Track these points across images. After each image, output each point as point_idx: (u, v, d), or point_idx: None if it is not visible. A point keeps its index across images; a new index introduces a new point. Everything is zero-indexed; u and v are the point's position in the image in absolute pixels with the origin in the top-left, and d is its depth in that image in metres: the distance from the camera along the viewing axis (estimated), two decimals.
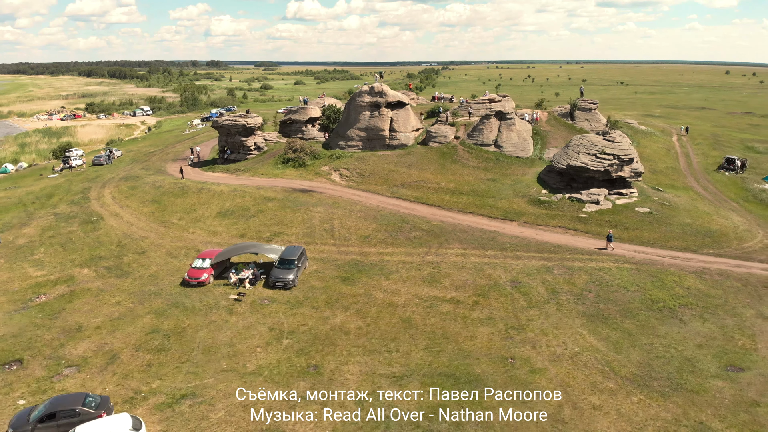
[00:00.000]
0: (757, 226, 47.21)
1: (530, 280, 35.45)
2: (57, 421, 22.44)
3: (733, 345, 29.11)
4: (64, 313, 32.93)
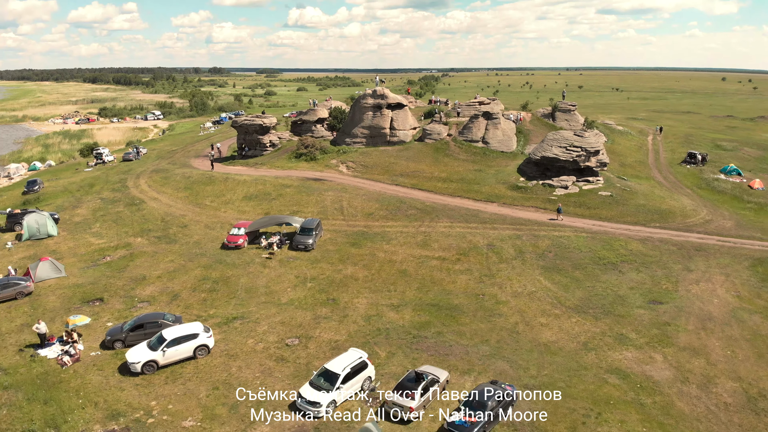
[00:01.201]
0: (703, 207, 55.52)
1: (503, 244, 43.76)
2: (144, 330, 30.59)
3: (658, 288, 37.39)
4: (129, 268, 41.24)
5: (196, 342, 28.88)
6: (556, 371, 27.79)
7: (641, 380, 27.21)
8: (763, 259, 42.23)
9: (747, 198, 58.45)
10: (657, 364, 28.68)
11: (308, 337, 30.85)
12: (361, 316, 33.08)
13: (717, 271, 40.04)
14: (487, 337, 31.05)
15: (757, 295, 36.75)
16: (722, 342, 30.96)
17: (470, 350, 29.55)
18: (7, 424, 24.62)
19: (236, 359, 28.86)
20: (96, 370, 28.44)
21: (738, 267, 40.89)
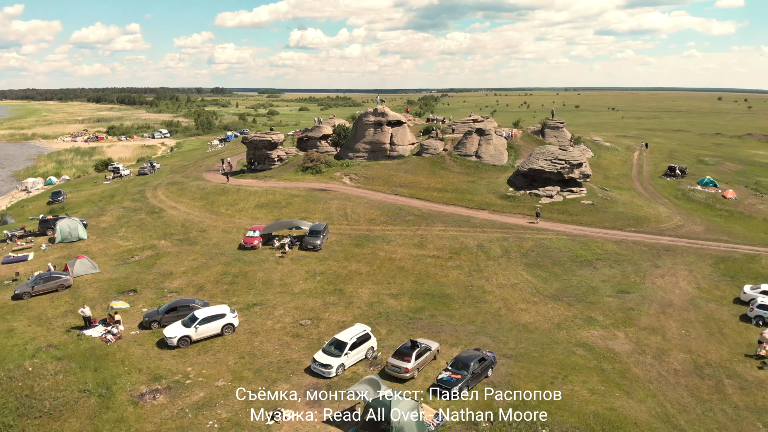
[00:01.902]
0: (677, 214, 60.49)
1: (491, 244, 48.66)
2: (177, 312, 35.32)
3: (627, 280, 42.22)
4: (156, 265, 46.09)
5: (224, 321, 33.66)
6: (531, 345, 32.52)
7: (604, 352, 31.93)
8: (726, 258, 47.10)
9: (719, 206, 63.44)
10: (619, 340, 33.41)
11: (319, 319, 35.63)
12: (364, 303, 37.88)
13: (682, 267, 44.89)
14: (474, 319, 35.82)
15: (715, 287, 41.58)
16: (678, 323, 35.72)
17: (458, 329, 34.32)
18: (64, 386, 29.24)
19: (258, 336, 33.61)
20: (137, 345, 33.16)
21: (702, 264, 45.74)
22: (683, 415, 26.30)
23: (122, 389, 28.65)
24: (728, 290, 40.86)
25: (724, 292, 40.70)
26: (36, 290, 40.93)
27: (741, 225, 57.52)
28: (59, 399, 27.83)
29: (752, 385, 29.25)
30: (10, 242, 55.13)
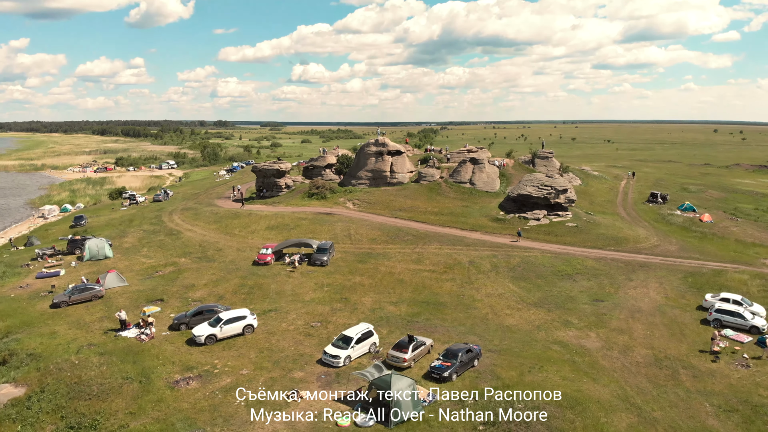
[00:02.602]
0: (655, 235, 65.52)
1: (481, 261, 53.63)
2: (203, 316, 40.09)
3: (602, 291, 47.06)
4: (179, 279, 50.99)
5: (245, 322, 38.48)
6: (513, 342, 37.24)
7: (576, 348, 36.63)
8: (694, 272, 51.98)
9: (694, 228, 68.51)
10: (591, 339, 38.14)
11: (327, 322, 40.41)
12: (367, 309, 42.70)
13: (653, 280, 49.76)
14: (464, 322, 40.59)
15: (681, 296, 46.41)
16: (644, 326, 40.46)
17: (450, 329, 39.08)
18: (108, 375, 33.86)
19: (274, 335, 38.36)
20: (168, 343, 37.90)
21: (672, 278, 50.62)
22: (640, 396, 30.91)
23: (159, 377, 33.30)
24: (693, 299, 45.65)
25: (689, 300, 45.49)
26: (72, 299, 45.81)
27: (713, 245, 62.49)
28: (105, 385, 32.46)
29: (704, 374, 33.89)
30: (41, 260, 60.14)
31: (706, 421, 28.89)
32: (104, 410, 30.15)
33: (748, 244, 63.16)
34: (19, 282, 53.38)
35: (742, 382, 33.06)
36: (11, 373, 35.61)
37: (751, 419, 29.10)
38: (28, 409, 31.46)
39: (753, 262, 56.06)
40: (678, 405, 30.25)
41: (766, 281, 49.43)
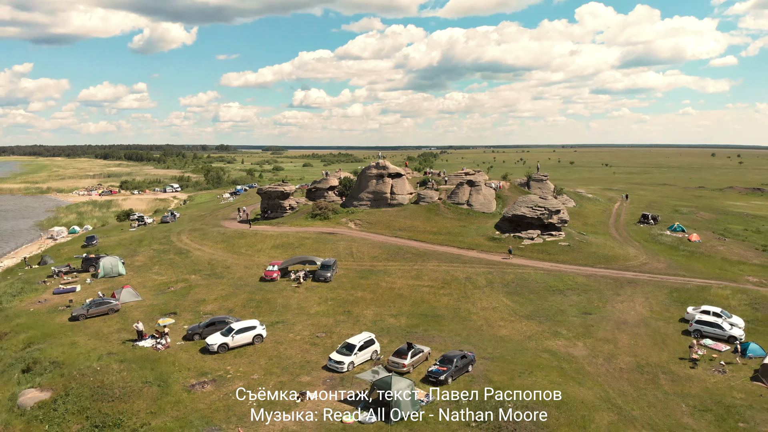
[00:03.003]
0: (645, 254, 68.33)
1: (477, 277, 56.41)
2: (215, 327, 42.76)
3: (591, 305, 49.76)
4: (190, 294, 53.72)
5: (254, 332, 41.16)
6: (506, 351, 39.88)
7: (564, 356, 39.27)
8: (679, 288, 54.71)
9: (682, 248, 71.34)
10: (578, 348, 40.79)
11: (332, 332, 43.08)
12: (369, 321, 45.39)
13: (640, 295, 52.49)
14: (460, 332, 43.26)
15: (666, 309, 49.11)
16: (629, 336, 43.11)
17: (447, 339, 41.73)
18: (129, 379, 36.43)
19: (282, 344, 41.01)
20: (183, 352, 40.53)
21: (658, 293, 53.34)
22: (621, 398, 33.50)
23: (176, 381, 35.90)
24: (676, 312, 48.34)
25: (673, 314, 48.19)
26: (90, 313, 48.54)
27: (700, 263, 65.28)
28: (126, 388, 35.06)
29: (682, 379, 36.49)
30: (57, 277, 62.94)
31: (681, 419, 31.45)
32: (127, 410, 32.73)
33: (733, 262, 65.93)
34: (37, 297, 56.14)
35: (717, 385, 35.65)
36: (36, 379, 38.26)
37: (723, 417, 31.66)
38: (54, 410, 34.04)
39: (737, 279, 58.76)
40: (656, 405, 32.82)
41: (747, 296, 52.11)
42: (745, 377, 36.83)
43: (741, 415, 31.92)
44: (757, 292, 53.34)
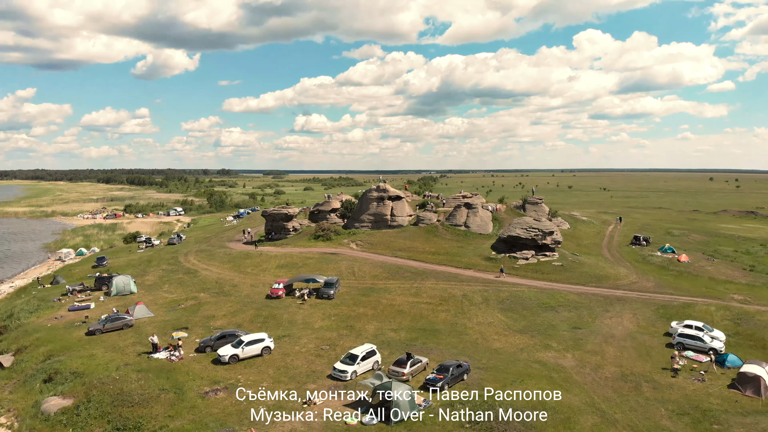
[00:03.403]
0: (634, 273, 71.10)
1: (474, 294, 59.16)
2: (226, 340, 45.41)
3: (581, 320, 52.44)
4: (200, 311, 56.44)
5: (263, 344, 43.85)
6: (499, 362, 42.49)
7: (554, 366, 41.87)
8: (666, 305, 57.38)
9: (671, 268, 74.14)
10: (567, 359, 43.41)
11: (335, 345, 45.74)
12: (370, 335, 48.06)
13: (628, 311, 55.17)
14: (457, 345, 45.91)
15: (652, 324, 51.76)
16: (616, 349, 45.73)
17: (444, 351, 44.36)
18: (147, 387, 38.98)
19: (289, 356, 43.64)
20: (196, 363, 43.16)
21: (645, 310, 56.01)
22: (605, 403, 36.08)
23: (191, 389, 38.49)
24: (662, 327, 50.98)
25: (658, 328, 50.83)
26: (106, 328, 51.23)
27: (687, 282, 68.00)
28: (144, 395, 37.64)
29: (663, 387, 39.08)
30: (71, 295, 65.69)
31: (660, 421, 34.01)
32: (146, 414, 35.29)
33: (719, 281, 68.67)
34: (53, 314, 58.84)
35: (696, 392, 38.24)
36: (58, 387, 40.86)
37: (699, 420, 34.23)
38: (77, 415, 36.61)
39: (722, 297, 61.42)
40: (637, 409, 35.40)
41: (730, 312, 54.75)
42: (723, 385, 39.40)
43: (716, 419, 34.44)
44: (741, 308, 55.99)
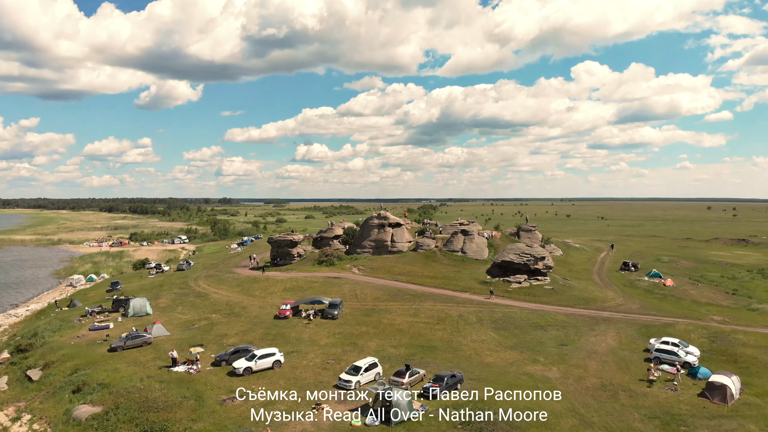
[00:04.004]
0: (621, 297, 75.26)
1: (468, 315, 63.29)
2: (239, 354, 49.50)
3: (567, 338, 56.50)
4: (213, 330, 60.53)
5: (274, 358, 47.96)
6: (490, 374, 46.52)
7: (540, 378, 45.88)
8: (648, 325, 61.45)
9: (657, 291, 78.33)
10: (552, 372, 47.42)
11: (340, 360, 49.80)
12: (372, 350, 52.12)
13: (612, 331, 59.24)
14: (452, 360, 49.97)
15: (633, 342, 55.80)
16: (598, 363, 49.75)
17: (440, 365, 48.41)
18: (170, 395, 42.92)
19: (298, 369, 47.69)
20: (213, 375, 47.19)
21: (628, 329, 60.08)
22: (584, 408, 40.07)
23: (210, 397, 42.51)
24: (642, 344, 55.00)
25: (639, 345, 54.86)
26: (127, 345, 55.29)
27: (671, 304, 72.13)
28: (168, 401, 41.63)
29: (639, 395, 43.05)
30: (90, 317, 69.80)
31: (633, 424, 37.98)
32: (170, 419, 39.27)
33: (702, 304, 72.82)
34: (75, 333, 62.90)
35: (668, 400, 42.22)
36: (87, 396, 44.84)
37: (668, 423, 38.18)
38: (107, 420, 40.55)
39: (702, 318, 65.51)
40: (613, 414, 39.39)
41: (707, 331, 58.79)
42: (693, 394, 43.38)
43: (684, 422, 38.39)
44: (718, 328, 60.05)
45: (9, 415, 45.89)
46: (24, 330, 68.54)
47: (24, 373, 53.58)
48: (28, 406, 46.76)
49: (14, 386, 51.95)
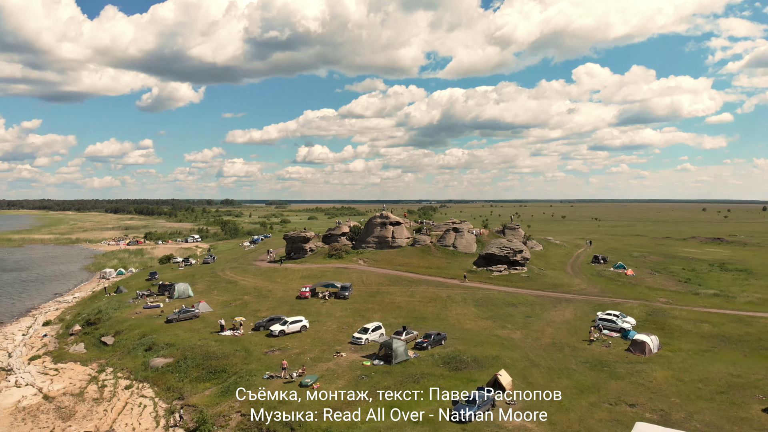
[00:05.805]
0: (586, 283, 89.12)
1: (455, 296, 77.26)
2: (274, 321, 63.37)
3: (533, 312, 70.43)
4: (248, 307, 74.52)
5: (302, 323, 62.04)
6: (468, 335, 60.48)
7: (506, 338, 59.82)
8: (602, 304, 75.22)
9: (618, 279, 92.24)
10: (516, 334, 61.36)
11: (351, 326, 63.80)
12: (377, 320, 66.13)
13: (571, 307, 73.12)
14: (439, 327, 63.92)
15: (586, 315, 69.65)
16: (554, 329, 63.63)
17: (430, 329, 62.25)
18: (225, 348, 56.72)
19: (319, 332, 61.69)
20: (254, 336, 61.16)
21: (585, 306, 73.93)
22: (535, 356, 53.92)
23: (255, 350, 56.41)
24: (592, 317, 68.87)
25: (590, 318, 68.63)
26: (181, 317, 69.25)
27: (627, 289, 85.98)
28: (224, 353, 55.59)
29: (580, 349, 56.90)
30: (141, 299, 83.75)
31: (569, 365, 51.83)
32: (228, 363, 53.22)
33: (654, 289, 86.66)
34: (132, 311, 76.87)
35: (601, 353, 56.01)
36: (159, 352, 58.68)
37: (596, 365, 51.90)
38: (179, 366, 54.40)
39: (650, 299, 79.22)
40: (556, 360, 53.27)
41: (647, 308, 72.50)
42: (621, 349, 57.15)
43: (608, 366, 52.10)
44: (657, 306, 73.85)
45: (94, 369, 59.69)
46: (86, 310, 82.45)
47: (99, 339, 67.28)
48: (108, 362, 60.48)
49: (92, 350, 65.68)
